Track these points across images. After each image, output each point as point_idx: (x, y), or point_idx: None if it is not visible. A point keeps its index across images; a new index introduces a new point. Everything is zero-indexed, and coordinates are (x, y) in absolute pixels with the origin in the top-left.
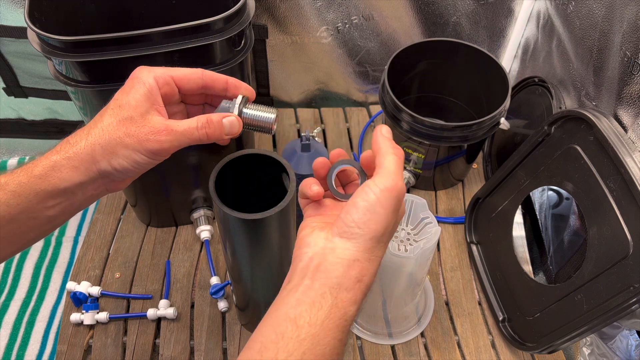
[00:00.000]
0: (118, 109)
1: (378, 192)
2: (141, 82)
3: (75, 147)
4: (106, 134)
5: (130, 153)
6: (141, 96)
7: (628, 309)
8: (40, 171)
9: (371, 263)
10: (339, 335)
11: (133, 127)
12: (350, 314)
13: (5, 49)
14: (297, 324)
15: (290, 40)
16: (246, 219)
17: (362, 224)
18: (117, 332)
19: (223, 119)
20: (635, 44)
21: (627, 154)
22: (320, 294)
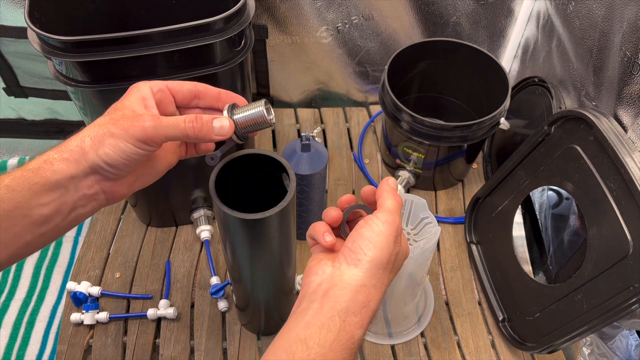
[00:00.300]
0: (112, 110)
1: (380, 224)
2: (136, 89)
3: (69, 143)
4: (96, 128)
5: (116, 141)
6: (135, 99)
7: (628, 309)
8: (33, 165)
9: (377, 290)
10: (347, 357)
11: (122, 120)
12: (357, 337)
13: (6, 49)
14: (307, 344)
15: (290, 40)
16: (246, 219)
17: (368, 251)
18: (117, 332)
19: (213, 119)
20: (635, 44)
21: (627, 154)
22: (329, 317)
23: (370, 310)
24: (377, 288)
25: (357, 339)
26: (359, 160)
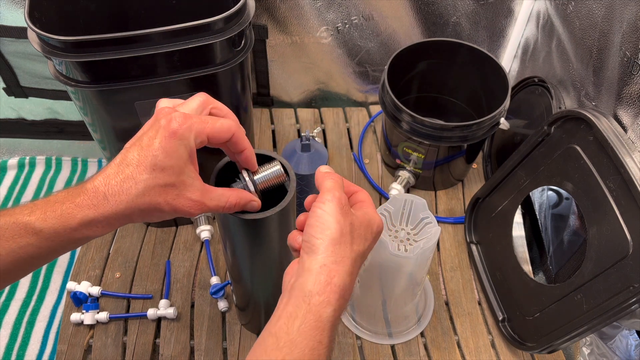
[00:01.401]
0: (160, 172)
1: (321, 205)
2: (184, 144)
3: (115, 207)
4: (147, 199)
5: (163, 215)
6: (184, 162)
7: (628, 308)
8: (76, 225)
9: (338, 265)
10: (318, 336)
11: (171, 196)
12: (325, 316)
13: (6, 49)
14: (277, 336)
15: (290, 41)
16: (246, 219)
17: (318, 234)
18: (117, 332)
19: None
20: (634, 44)
21: (627, 154)
22: (295, 305)
23: (335, 286)
24: (339, 263)
25: (325, 318)
26: (359, 160)
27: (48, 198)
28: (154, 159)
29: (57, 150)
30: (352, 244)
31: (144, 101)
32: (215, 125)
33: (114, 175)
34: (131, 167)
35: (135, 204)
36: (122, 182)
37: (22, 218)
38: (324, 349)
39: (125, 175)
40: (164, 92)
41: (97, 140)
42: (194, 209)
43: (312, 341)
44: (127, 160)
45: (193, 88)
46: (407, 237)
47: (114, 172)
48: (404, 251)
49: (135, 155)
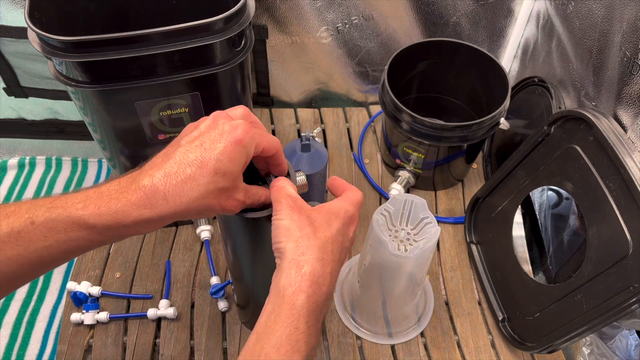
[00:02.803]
0: (222, 177)
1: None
2: (246, 153)
3: (175, 208)
4: (205, 201)
5: (211, 214)
6: (241, 168)
7: (628, 308)
8: (130, 223)
9: (305, 254)
10: (293, 323)
11: (223, 198)
12: (299, 303)
13: (6, 49)
14: (257, 332)
15: (290, 41)
16: (246, 217)
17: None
18: (118, 331)
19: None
20: (634, 44)
21: (627, 154)
22: (272, 303)
23: (305, 274)
24: (305, 253)
25: (299, 305)
26: (359, 160)
27: (100, 190)
28: (218, 163)
29: (57, 150)
30: (315, 232)
31: (144, 101)
32: (269, 139)
33: (174, 175)
34: (193, 167)
35: (194, 206)
36: (183, 183)
37: (75, 212)
38: (302, 335)
39: (187, 176)
40: (164, 92)
41: (97, 140)
42: (238, 207)
43: (288, 328)
44: (188, 160)
45: (193, 88)
46: (407, 237)
47: (174, 171)
48: (404, 251)
49: (197, 155)
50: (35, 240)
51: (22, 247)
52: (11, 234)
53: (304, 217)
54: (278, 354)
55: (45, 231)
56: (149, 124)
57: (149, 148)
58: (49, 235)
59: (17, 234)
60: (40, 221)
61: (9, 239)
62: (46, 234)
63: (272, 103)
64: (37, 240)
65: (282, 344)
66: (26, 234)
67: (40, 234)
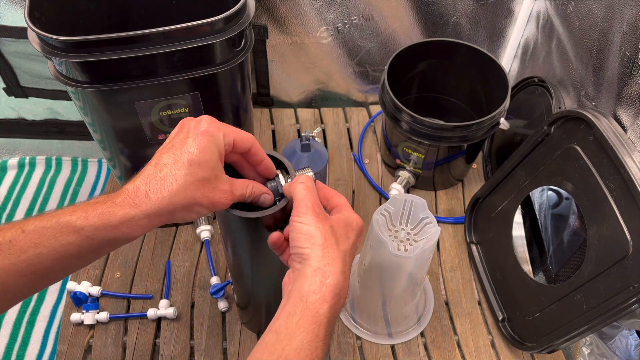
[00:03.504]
0: (197, 167)
1: (297, 218)
2: (214, 140)
3: (158, 204)
4: (188, 194)
5: (201, 209)
6: (216, 157)
7: (628, 308)
8: (117, 223)
9: (330, 266)
10: (315, 330)
11: (208, 188)
12: (322, 312)
13: (6, 49)
14: (277, 332)
15: (290, 41)
16: (246, 217)
17: (304, 244)
18: (118, 331)
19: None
20: (634, 44)
21: (627, 154)
22: (293, 305)
23: (330, 285)
24: (330, 264)
25: (322, 314)
26: (359, 160)
27: (89, 201)
28: (190, 155)
29: (57, 150)
30: (337, 244)
31: (144, 101)
32: (240, 132)
33: (153, 176)
34: (168, 166)
35: (177, 200)
36: (162, 180)
37: (63, 217)
38: (321, 343)
39: (164, 174)
40: (164, 92)
41: (97, 140)
42: (228, 200)
43: (310, 334)
44: (162, 162)
45: (193, 88)
46: (407, 237)
47: (152, 173)
48: (404, 251)
49: (170, 156)
50: (26, 249)
51: (14, 256)
52: (2, 242)
53: (328, 226)
54: (297, 357)
55: (36, 238)
56: (149, 124)
57: (149, 148)
58: (39, 242)
59: (8, 242)
60: (31, 229)
61: (0, 248)
62: (36, 241)
63: (272, 103)
64: (28, 248)
65: (302, 349)
66: (17, 242)
67: (31, 241)
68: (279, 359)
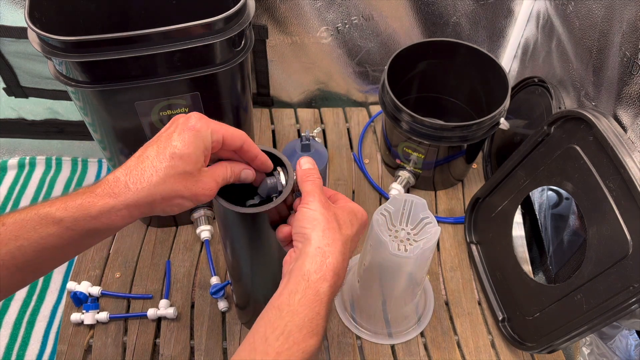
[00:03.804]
0: (179, 160)
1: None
2: (200, 135)
3: (136, 195)
4: (168, 185)
5: (183, 202)
6: (200, 151)
7: (628, 308)
8: (96, 213)
9: (331, 246)
10: (316, 308)
11: (190, 181)
12: (323, 290)
13: (6, 49)
14: (279, 308)
15: (290, 41)
16: (244, 213)
17: (307, 225)
18: (118, 331)
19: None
20: (634, 44)
21: (627, 154)
22: (295, 283)
23: (330, 264)
24: (331, 245)
25: (322, 292)
26: (359, 160)
27: (68, 193)
28: (173, 149)
29: (57, 150)
30: (340, 228)
31: (144, 101)
32: (231, 129)
33: (134, 167)
34: (150, 158)
35: (157, 191)
36: (143, 171)
37: (43, 209)
38: (322, 320)
39: (146, 165)
40: (164, 92)
41: (97, 140)
42: (211, 191)
43: (312, 312)
44: (146, 154)
45: (193, 88)
46: (407, 237)
47: (134, 164)
48: (404, 251)
49: (154, 148)
50: (6, 242)
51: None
52: None
53: (331, 212)
54: (300, 334)
55: (16, 231)
56: (149, 124)
57: None
58: (19, 234)
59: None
60: (10, 222)
61: None
62: (17, 233)
63: (272, 103)
64: (8, 241)
65: (304, 325)
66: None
67: (11, 234)
68: (281, 334)
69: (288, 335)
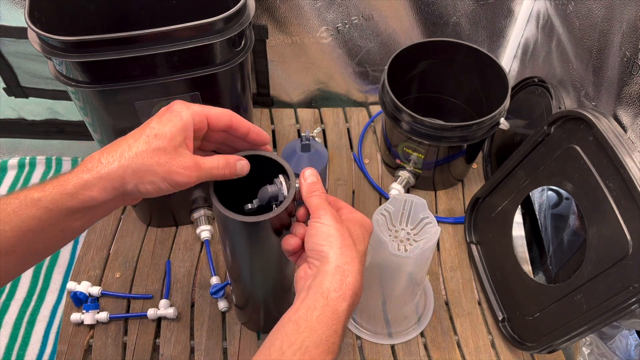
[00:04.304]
0: (154, 137)
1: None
2: (179, 116)
3: (107, 167)
4: (139, 159)
5: (157, 180)
6: (177, 129)
7: (628, 308)
8: (71, 189)
9: (349, 265)
10: (334, 326)
11: (164, 158)
12: (341, 309)
13: (6, 49)
14: (297, 323)
15: (290, 41)
16: (245, 221)
17: (323, 242)
18: (118, 331)
19: (237, 161)
20: (634, 44)
21: (627, 154)
22: (314, 300)
23: (349, 284)
24: (350, 263)
25: (341, 311)
26: (359, 160)
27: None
28: (150, 130)
29: (57, 150)
30: (355, 245)
31: (144, 101)
32: (214, 108)
33: (111, 146)
34: (127, 138)
35: (128, 164)
36: (116, 148)
37: (22, 193)
38: (338, 339)
39: (121, 144)
40: (164, 92)
41: (97, 140)
42: (190, 173)
43: (329, 329)
44: (125, 137)
45: (193, 88)
46: (407, 237)
47: (111, 144)
48: (404, 251)
49: (134, 132)
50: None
51: None
52: None
53: (345, 228)
54: (317, 351)
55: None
56: None
57: None
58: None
59: None
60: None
61: None
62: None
63: (272, 103)
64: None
65: (321, 342)
66: None
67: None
68: (299, 349)
69: (305, 351)
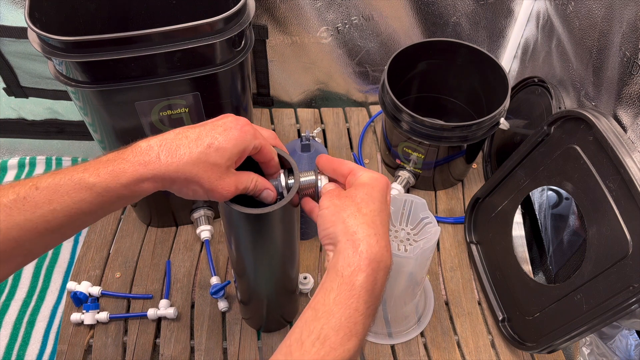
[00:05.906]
0: (214, 150)
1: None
2: (243, 140)
3: (166, 168)
4: (194, 169)
5: (199, 190)
6: (237, 151)
7: (627, 308)
8: (126, 181)
9: (359, 233)
10: (353, 304)
11: (215, 174)
12: (358, 283)
13: (6, 49)
14: (315, 309)
15: (290, 41)
16: (249, 213)
17: (326, 224)
18: (118, 331)
19: (265, 189)
20: (634, 44)
21: (627, 154)
22: (330, 281)
23: (363, 252)
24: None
25: (359, 285)
26: (359, 160)
27: (100, 158)
28: (213, 139)
29: (57, 150)
30: (359, 210)
31: (144, 101)
32: (268, 143)
33: (171, 141)
34: (189, 139)
35: (183, 171)
36: (177, 148)
37: (76, 174)
38: (361, 316)
39: (182, 143)
40: (164, 92)
41: (97, 140)
42: (229, 192)
43: (348, 309)
44: (186, 134)
45: (193, 88)
46: (407, 237)
47: (171, 138)
48: (404, 251)
49: (195, 132)
50: (40, 205)
51: (29, 212)
52: (17, 199)
53: (344, 198)
54: (337, 337)
55: (49, 195)
56: (149, 124)
57: None
58: (53, 198)
59: (22, 199)
60: (44, 186)
61: (15, 204)
62: (50, 197)
63: (272, 103)
64: (42, 204)
65: (341, 326)
66: (31, 199)
67: (45, 198)
68: (317, 339)
69: (324, 340)
